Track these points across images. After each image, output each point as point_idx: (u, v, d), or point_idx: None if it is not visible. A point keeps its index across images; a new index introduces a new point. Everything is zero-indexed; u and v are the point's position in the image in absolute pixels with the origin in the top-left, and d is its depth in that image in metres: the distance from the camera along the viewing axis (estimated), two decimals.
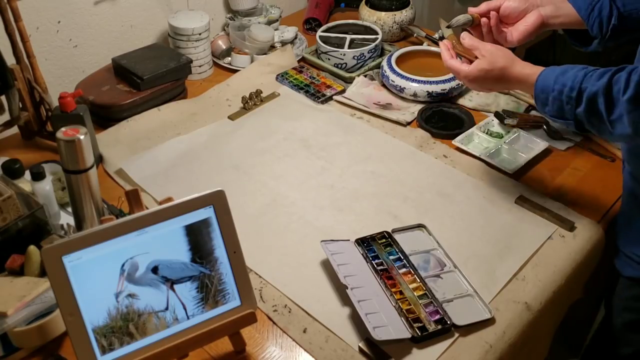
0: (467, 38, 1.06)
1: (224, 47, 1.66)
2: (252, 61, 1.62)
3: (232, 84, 1.55)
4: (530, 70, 0.98)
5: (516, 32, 1.11)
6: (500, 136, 1.36)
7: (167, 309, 0.83)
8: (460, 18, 1.12)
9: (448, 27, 1.18)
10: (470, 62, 1.04)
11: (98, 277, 0.78)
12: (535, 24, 1.09)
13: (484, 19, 1.11)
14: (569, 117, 0.93)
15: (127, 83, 1.42)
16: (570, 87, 0.91)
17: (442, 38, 1.73)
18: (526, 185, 1.23)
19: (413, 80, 1.46)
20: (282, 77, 1.57)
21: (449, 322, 0.94)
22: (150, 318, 0.82)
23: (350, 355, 0.92)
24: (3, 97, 1.21)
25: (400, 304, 0.97)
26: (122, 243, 0.79)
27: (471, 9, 1.12)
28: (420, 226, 1.13)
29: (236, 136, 1.37)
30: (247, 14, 1.75)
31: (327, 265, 1.05)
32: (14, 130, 1.33)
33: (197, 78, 1.58)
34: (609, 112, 0.88)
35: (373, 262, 1.04)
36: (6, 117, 1.25)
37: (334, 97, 1.50)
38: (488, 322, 0.96)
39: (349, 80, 1.56)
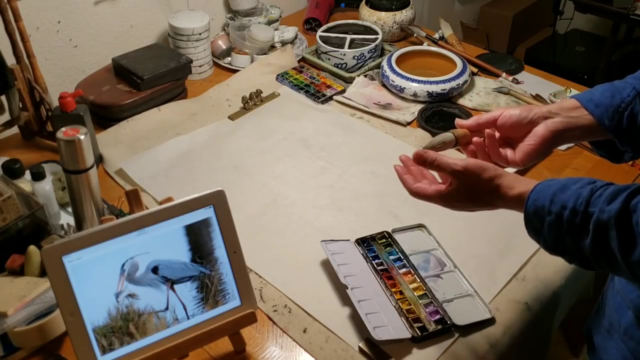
0: (427, 154, 0.82)
1: (224, 47, 1.66)
2: (252, 61, 1.62)
3: (232, 84, 1.55)
4: (520, 189, 0.74)
5: (520, 152, 0.84)
6: None
7: (167, 309, 0.83)
8: (437, 139, 0.85)
9: (426, 149, 0.86)
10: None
11: (98, 277, 0.78)
12: (543, 140, 0.82)
13: (475, 139, 0.85)
14: (572, 251, 0.69)
15: (127, 83, 1.42)
16: (572, 209, 0.67)
17: (442, 38, 1.73)
18: None
19: (413, 80, 1.46)
20: (282, 77, 1.57)
21: (449, 322, 0.94)
22: (151, 318, 0.82)
23: (350, 355, 0.92)
24: (3, 97, 1.21)
25: (400, 304, 0.97)
26: (122, 243, 0.79)
27: (460, 122, 0.87)
28: (420, 226, 1.13)
29: (236, 136, 1.37)
30: (247, 14, 1.75)
31: (327, 265, 1.05)
32: (14, 130, 1.33)
33: (197, 78, 1.58)
34: (625, 252, 0.63)
35: (373, 262, 1.04)
36: (6, 117, 1.25)
37: (334, 97, 1.50)
38: (488, 322, 0.96)
39: (349, 80, 1.56)
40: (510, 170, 0.83)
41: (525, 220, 0.73)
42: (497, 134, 0.85)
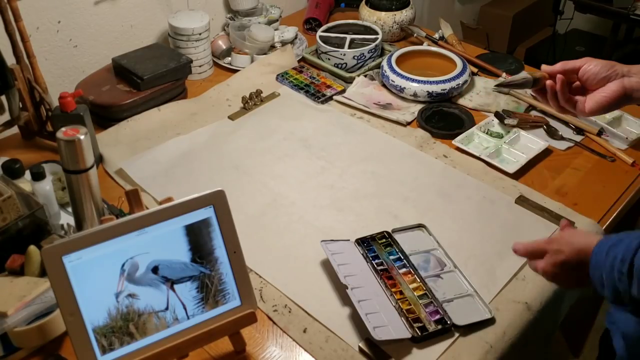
0: (520, 247, 0.89)
1: (224, 47, 1.66)
2: (252, 61, 1.62)
3: (232, 84, 1.55)
4: (588, 246, 0.79)
5: (591, 101, 0.91)
6: (500, 136, 1.36)
7: (167, 309, 0.83)
8: (518, 77, 0.93)
9: (500, 85, 0.96)
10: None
11: (98, 277, 0.78)
12: (615, 95, 0.89)
13: (549, 82, 0.93)
14: (626, 300, 0.73)
15: (127, 83, 1.42)
16: (622, 259, 0.72)
17: (442, 38, 1.73)
18: (526, 185, 1.23)
19: (413, 80, 1.45)
20: (282, 77, 1.57)
21: (449, 322, 0.94)
22: (151, 318, 0.82)
23: (350, 355, 0.92)
24: (3, 97, 1.21)
25: (400, 304, 0.97)
26: (122, 243, 0.79)
27: (544, 67, 0.94)
28: (420, 226, 1.13)
29: (236, 136, 1.37)
30: (247, 14, 1.75)
31: (327, 265, 1.05)
32: (14, 130, 1.33)
33: (197, 78, 1.58)
34: None
35: (373, 262, 1.04)
36: (6, 117, 1.25)
37: (334, 97, 1.50)
38: (488, 322, 0.96)
39: (349, 80, 1.56)
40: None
41: (590, 277, 0.78)
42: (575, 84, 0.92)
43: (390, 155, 1.32)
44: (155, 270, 0.82)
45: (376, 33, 1.65)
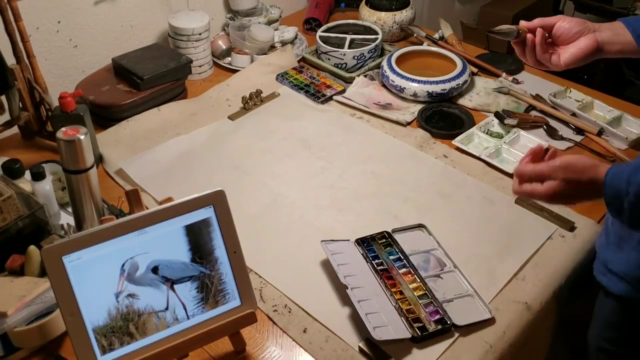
0: (525, 164, 0.89)
1: (224, 47, 1.66)
2: (252, 61, 1.62)
3: (232, 84, 1.55)
4: (597, 174, 0.81)
5: (566, 54, 1.00)
6: (500, 136, 1.36)
7: (167, 309, 0.83)
8: (504, 27, 1.03)
9: (490, 32, 1.06)
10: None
11: (98, 277, 0.78)
12: (588, 48, 0.98)
13: (529, 35, 1.02)
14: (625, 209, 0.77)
15: (127, 83, 1.42)
16: None
17: (442, 38, 1.73)
18: None
19: (413, 80, 1.45)
20: (282, 77, 1.57)
21: (449, 322, 0.94)
22: (150, 318, 0.82)
23: (350, 355, 0.92)
24: (3, 97, 1.21)
25: (400, 304, 0.97)
26: (122, 243, 0.79)
27: (522, 23, 1.04)
28: (420, 226, 1.13)
29: (236, 136, 1.37)
30: (247, 14, 1.75)
31: (327, 265, 1.05)
32: (14, 130, 1.33)
33: (197, 78, 1.58)
34: None
35: (373, 262, 1.04)
36: (6, 117, 1.25)
37: (334, 97, 1.50)
38: (488, 322, 0.96)
39: (349, 80, 1.56)
40: None
41: (606, 203, 0.80)
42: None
43: (390, 155, 1.32)
44: (155, 270, 0.82)
45: (376, 33, 1.65)
